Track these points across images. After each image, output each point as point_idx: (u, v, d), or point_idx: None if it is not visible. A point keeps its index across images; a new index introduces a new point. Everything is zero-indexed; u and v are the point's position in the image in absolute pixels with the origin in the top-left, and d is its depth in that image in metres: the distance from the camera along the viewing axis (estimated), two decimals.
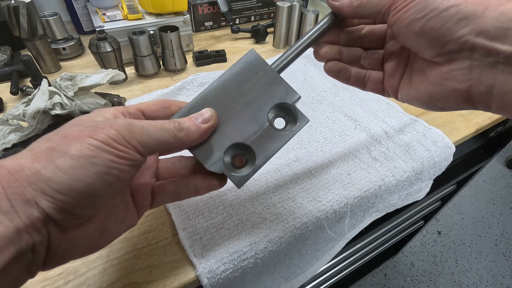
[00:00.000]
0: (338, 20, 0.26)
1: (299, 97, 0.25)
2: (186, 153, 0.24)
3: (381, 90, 0.26)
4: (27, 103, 0.40)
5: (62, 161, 0.16)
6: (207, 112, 0.23)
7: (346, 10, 0.24)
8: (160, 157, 0.27)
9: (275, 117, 0.25)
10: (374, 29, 0.27)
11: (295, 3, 0.62)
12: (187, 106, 0.24)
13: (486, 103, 0.18)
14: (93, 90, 0.45)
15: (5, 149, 0.37)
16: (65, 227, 0.18)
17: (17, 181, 0.16)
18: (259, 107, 0.24)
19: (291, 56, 0.26)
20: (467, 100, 0.19)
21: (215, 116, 0.23)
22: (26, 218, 0.15)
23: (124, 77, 0.51)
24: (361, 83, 0.27)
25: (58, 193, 0.16)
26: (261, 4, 0.76)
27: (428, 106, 0.22)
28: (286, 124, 0.26)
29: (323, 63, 0.28)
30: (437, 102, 0.21)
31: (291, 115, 0.25)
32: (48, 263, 0.18)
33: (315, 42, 0.26)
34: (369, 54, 0.27)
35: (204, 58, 0.60)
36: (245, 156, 0.25)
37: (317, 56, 0.27)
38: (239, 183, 0.24)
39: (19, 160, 0.16)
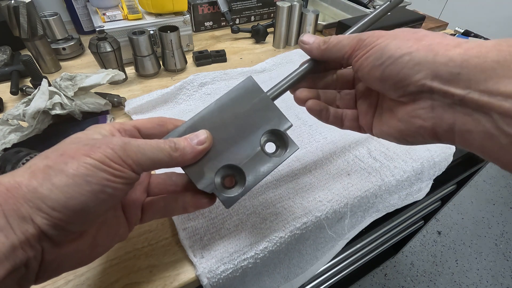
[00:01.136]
0: (317, 64, 0.27)
1: (291, 125, 0.27)
2: (178, 169, 0.25)
3: (358, 127, 0.28)
4: (27, 103, 0.40)
5: (59, 179, 0.17)
6: (202, 134, 0.23)
7: (315, 52, 0.26)
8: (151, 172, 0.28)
9: (267, 141, 0.27)
10: (344, 73, 0.29)
11: (295, 3, 0.62)
12: (183, 126, 0.25)
13: (451, 139, 0.19)
14: (93, 90, 0.45)
15: (5, 149, 0.37)
16: (58, 242, 0.18)
17: (14, 198, 0.16)
18: (252, 131, 0.26)
19: (286, 85, 0.27)
20: (434, 136, 0.20)
21: (210, 138, 0.24)
22: (21, 234, 0.16)
23: (124, 77, 0.51)
24: (339, 122, 0.28)
25: (54, 210, 0.16)
26: (261, 4, 0.76)
27: (401, 141, 0.23)
28: (277, 149, 0.27)
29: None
30: (408, 137, 0.22)
31: (282, 141, 0.27)
32: (41, 276, 0.18)
33: (308, 75, 0.28)
34: (342, 95, 0.29)
35: (204, 58, 0.60)
36: (236, 177, 0.26)
37: (298, 99, 0.28)
38: (228, 203, 0.25)
39: (16, 178, 0.17)
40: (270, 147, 0.27)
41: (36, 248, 0.17)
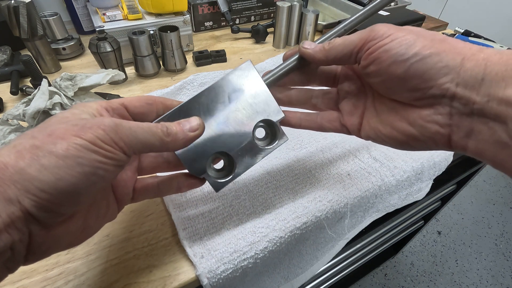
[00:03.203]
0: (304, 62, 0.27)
1: (283, 117, 0.27)
2: None
3: (340, 128, 0.27)
4: (27, 103, 0.40)
5: (48, 160, 0.16)
6: (195, 121, 0.23)
7: (319, 55, 0.24)
8: None
9: (257, 127, 0.27)
10: (325, 69, 0.28)
11: (295, 3, 0.62)
12: (176, 109, 0.25)
13: (464, 147, 0.19)
14: (93, 90, 0.45)
15: None
16: (47, 224, 0.18)
17: (0, 179, 0.15)
18: (246, 119, 0.26)
19: (282, 74, 0.27)
20: (447, 143, 0.20)
21: (203, 126, 0.24)
22: (7, 217, 0.15)
23: (124, 77, 0.51)
24: (316, 126, 0.28)
25: (42, 191, 0.16)
26: (261, 4, 0.76)
27: (403, 146, 0.23)
28: (266, 137, 0.28)
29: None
30: (416, 142, 0.21)
31: (273, 131, 0.27)
32: (30, 258, 0.18)
33: (295, 70, 0.27)
34: (319, 94, 0.28)
35: (204, 58, 0.60)
36: (225, 162, 0.27)
37: None
38: (217, 187, 0.26)
39: (2, 158, 0.16)
40: (260, 133, 0.27)
41: (23, 230, 0.16)
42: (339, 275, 0.79)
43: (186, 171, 0.26)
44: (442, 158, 0.42)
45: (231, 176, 0.26)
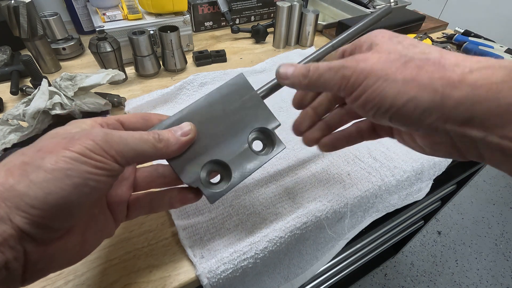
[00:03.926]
0: None
1: (279, 124, 0.27)
2: (163, 161, 0.25)
3: (390, 133, 0.25)
4: (27, 103, 0.40)
5: (36, 175, 0.16)
6: (187, 126, 0.23)
7: (300, 88, 0.23)
8: (137, 166, 0.27)
9: (254, 139, 0.27)
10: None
11: (295, 3, 0.62)
12: (170, 119, 0.25)
13: (481, 159, 0.18)
14: (93, 90, 0.45)
15: (5, 149, 0.37)
16: (43, 241, 0.17)
17: None
18: (240, 128, 0.26)
19: (274, 85, 0.27)
20: (464, 158, 0.19)
21: (195, 130, 0.24)
22: None
23: (124, 77, 0.51)
24: (360, 138, 0.27)
25: (32, 207, 0.16)
26: (261, 4, 0.76)
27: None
28: (264, 147, 0.27)
29: None
30: (436, 155, 0.21)
31: (270, 140, 0.27)
32: (27, 278, 0.17)
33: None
34: (339, 114, 0.27)
35: (204, 58, 0.60)
36: (221, 173, 0.26)
37: (309, 141, 0.28)
38: (212, 198, 0.24)
39: None
40: (258, 145, 0.27)
41: (17, 248, 0.16)
42: (339, 275, 0.79)
43: (181, 185, 0.25)
44: (442, 158, 0.42)
45: (227, 186, 0.25)
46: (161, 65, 0.57)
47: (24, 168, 0.16)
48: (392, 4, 0.84)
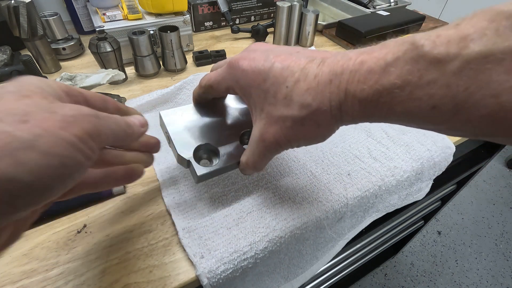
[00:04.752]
0: None
1: None
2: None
3: None
4: None
5: (27, 156, 0.13)
6: (141, 117, 0.24)
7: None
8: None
9: (244, 136, 0.32)
10: None
11: (295, 3, 0.62)
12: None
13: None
14: (93, 90, 0.45)
15: None
16: None
17: None
18: (235, 128, 0.31)
19: None
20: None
21: (146, 123, 0.24)
22: None
23: (124, 77, 0.51)
24: None
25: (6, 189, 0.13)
26: (261, 4, 0.76)
27: None
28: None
29: None
30: None
31: None
32: None
33: None
34: None
35: (204, 58, 0.60)
36: (210, 159, 0.30)
37: None
38: (200, 176, 0.27)
39: None
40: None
41: None
42: (339, 275, 0.79)
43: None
44: (442, 158, 0.42)
45: (215, 169, 0.28)
46: (161, 65, 0.57)
47: (8, 142, 0.12)
48: (392, 4, 0.84)
